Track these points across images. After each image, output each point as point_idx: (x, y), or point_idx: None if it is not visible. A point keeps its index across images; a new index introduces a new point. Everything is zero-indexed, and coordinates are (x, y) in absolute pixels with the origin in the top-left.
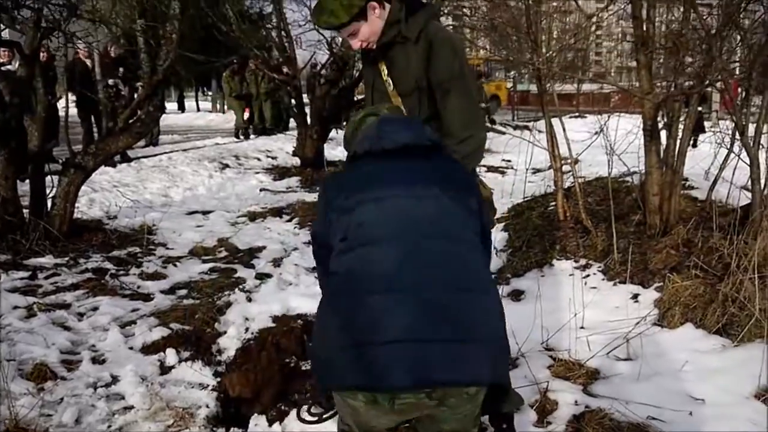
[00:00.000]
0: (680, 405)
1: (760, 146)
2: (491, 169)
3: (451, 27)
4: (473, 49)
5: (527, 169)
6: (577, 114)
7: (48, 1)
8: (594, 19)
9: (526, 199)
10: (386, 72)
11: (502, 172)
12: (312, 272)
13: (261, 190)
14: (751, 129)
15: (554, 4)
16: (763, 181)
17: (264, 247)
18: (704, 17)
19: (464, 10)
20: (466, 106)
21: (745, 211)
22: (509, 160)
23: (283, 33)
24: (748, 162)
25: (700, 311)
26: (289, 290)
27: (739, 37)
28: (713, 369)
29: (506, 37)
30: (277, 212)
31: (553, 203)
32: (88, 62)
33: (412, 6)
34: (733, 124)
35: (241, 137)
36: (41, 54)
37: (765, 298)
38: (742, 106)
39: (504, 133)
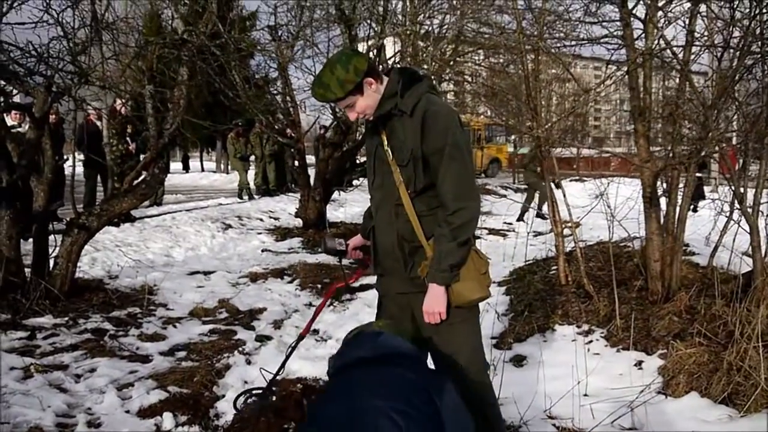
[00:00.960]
0: None
1: (760, 213)
2: (492, 231)
3: (452, 93)
4: (474, 114)
5: (528, 233)
6: (577, 178)
7: (60, 69)
8: (592, 92)
9: (527, 263)
10: (386, 142)
11: (504, 235)
12: (312, 335)
13: (263, 251)
14: (750, 196)
15: (552, 71)
16: (763, 249)
17: (265, 309)
18: (699, 89)
19: (465, 76)
20: (459, 178)
21: (747, 278)
22: (510, 223)
23: (287, 98)
24: (748, 230)
25: (705, 380)
26: None
27: (734, 108)
28: None
29: (506, 103)
30: (278, 273)
31: (555, 267)
32: (99, 124)
33: (410, 80)
34: (732, 192)
35: (245, 197)
36: (51, 116)
37: None
38: (740, 175)
39: (505, 197)
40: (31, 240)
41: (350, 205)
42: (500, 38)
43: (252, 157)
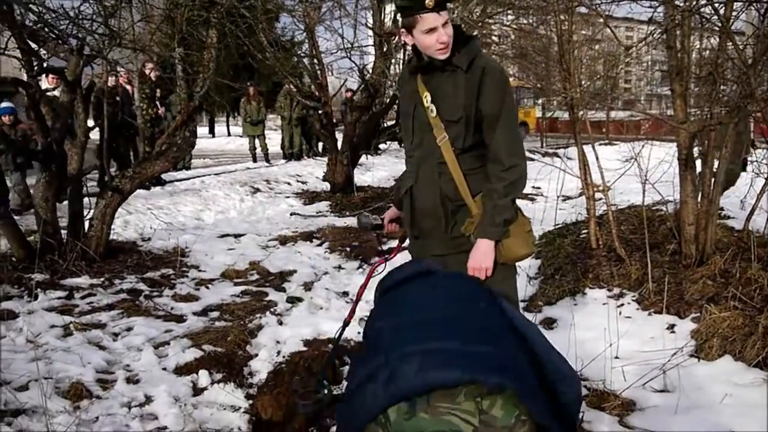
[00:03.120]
0: None
1: None
2: (520, 196)
3: None
4: None
5: (558, 197)
6: (607, 141)
7: (93, 32)
8: (633, 50)
9: (557, 227)
10: (429, 99)
11: (532, 199)
12: (342, 296)
13: (291, 215)
14: None
15: (583, 32)
16: None
17: (295, 271)
18: (741, 47)
19: (493, 37)
20: (513, 136)
21: None
22: (539, 187)
23: (315, 61)
24: None
25: (739, 343)
26: (320, 314)
27: None
28: (755, 403)
29: (536, 65)
30: (307, 236)
31: (585, 231)
32: (129, 88)
33: (462, 38)
34: None
35: (273, 161)
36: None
37: None
38: None
39: (533, 160)
40: (66, 202)
41: (377, 169)
42: None
43: (279, 120)
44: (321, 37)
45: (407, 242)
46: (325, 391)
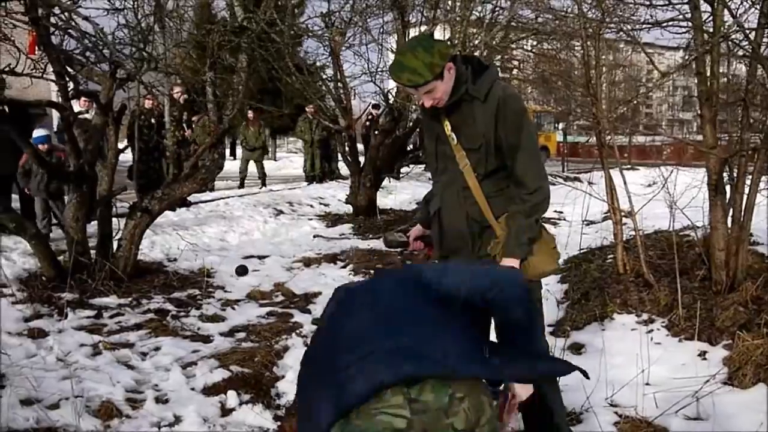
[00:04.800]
0: None
1: None
2: (543, 219)
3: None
4: (526, 101)
5: (583, 221)
6: (629, 166)
7: (131, 56)
8: (665, 78)
9: (582, 252)
10: (449, 128)
11: (554, 224)
12: None
13: (315, 237)
14: None
15: (607, 57)
16: None
17: (320, 293)
18: None
19: (514, 62)
20: (533, 160)
21: None
22: (561, 212)
23: (339, 84)
24: None
25: None
26: None
27: None
28: None
29: (556, 90)
30: (331, 258)
31: (612, 256)
32: (156, 111)
33: (478, 67)
34: None
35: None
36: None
37: None
38: None
39: (554, 185)
40: (94, 223)
41: (399, 192)
42: (558, 23)
43: (299, 143)
44: (346, 61)
45: (432, 258)
46: None
